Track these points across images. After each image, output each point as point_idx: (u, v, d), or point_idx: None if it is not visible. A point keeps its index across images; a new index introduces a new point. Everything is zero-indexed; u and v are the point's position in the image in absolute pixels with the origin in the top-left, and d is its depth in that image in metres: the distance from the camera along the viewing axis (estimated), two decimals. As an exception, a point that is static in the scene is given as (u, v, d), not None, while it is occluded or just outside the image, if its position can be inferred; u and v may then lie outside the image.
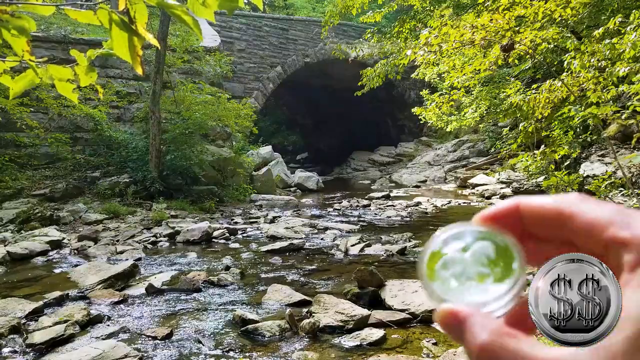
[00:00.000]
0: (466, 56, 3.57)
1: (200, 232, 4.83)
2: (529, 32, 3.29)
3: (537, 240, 0.26)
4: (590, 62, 3.15)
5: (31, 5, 0.81)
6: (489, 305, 0.23)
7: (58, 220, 5.31)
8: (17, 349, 2.24)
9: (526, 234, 0.26)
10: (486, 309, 0.23)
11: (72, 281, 3.43)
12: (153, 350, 2.27)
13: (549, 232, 0.25)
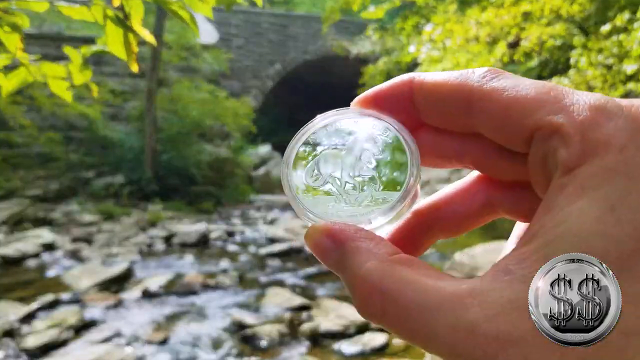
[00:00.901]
0: (471, 53, 3.50)
1: (197, 234, 4.76)
2: (535, 28, 3.22)
3: (435, 132, 0.20)
4: (597, 59, 3.09)
5: (24, 2, 0.76)
6: (374, 220, 0.19)
7: (51, 221, 5.22)
8: (10, 353, 2.22)
9: (421, 122, 0.20)
10: (371, 226, 0.19)
11: (66, 284, 3.37)
12: (149, 355, 2.24)
13: (450, 119, 0.19)
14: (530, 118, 0.16)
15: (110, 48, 0.73)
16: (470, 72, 0.19)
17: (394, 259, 0.17)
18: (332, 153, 0.20)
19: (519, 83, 0.17)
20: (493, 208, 0.21)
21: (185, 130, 7.00)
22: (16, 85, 0.83)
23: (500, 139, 0.18)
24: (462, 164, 0.21)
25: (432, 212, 0.22)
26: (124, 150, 6.73)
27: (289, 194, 0.19)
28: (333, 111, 0.21)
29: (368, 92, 0.21)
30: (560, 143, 0.16)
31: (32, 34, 6.63)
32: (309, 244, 0.19)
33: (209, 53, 8.36)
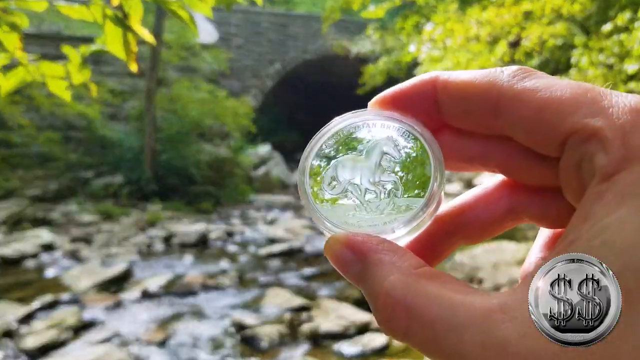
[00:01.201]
0: (471, 52, 3.49)
1: (197, 234, 4.75)
2: (536, 28, 3.21)
3: (458, 134, 0.19)
4: (598, 58, 3.08)
5: (24, 1, 0.76)
6: (397, 229, 0.18)
7: (50, 221, 5.21)
8: (10, 353, 2.22)
9: (443, 123, 0.19)
10: (394, 235, 0.18)
11: (65, 284, 3.37)
12: (148, 356, 2.23)
13: (477, 120, 0.18)
14: (565, 121, 0.15)
15: (109, 48, 0.73)
16: (499, 70, 0.18)
17: (419, 273, 0.16)
18: (350, 158, 0.19)
19: (553, 83, 0.16)
20: (517, 214, 0.20)
21: (185, 130, 6.98)
22: (15, 85, 0.82)
23: (531, 142, 0.17)
24: (486, 168, 0.20)
25: (453, 218, 0.21)
26: (123, 150, 6.72)
27: (306, 203, 0.18)
28: (350, 113, 0.20)
29: (387, 91, 0.20)
30: (598, 148, 0.14)
31: (31, 34, 6.61)
32: (329, 255, 0.18)
33: (209, 52, 8.35)
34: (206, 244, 4.71)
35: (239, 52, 10.32)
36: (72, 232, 4.93)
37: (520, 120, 0.16)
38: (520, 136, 0.17)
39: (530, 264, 0.20)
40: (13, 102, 5.89)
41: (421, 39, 3.68)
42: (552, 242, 0.20)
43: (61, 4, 0.72)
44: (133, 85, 7.67)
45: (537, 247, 0.21)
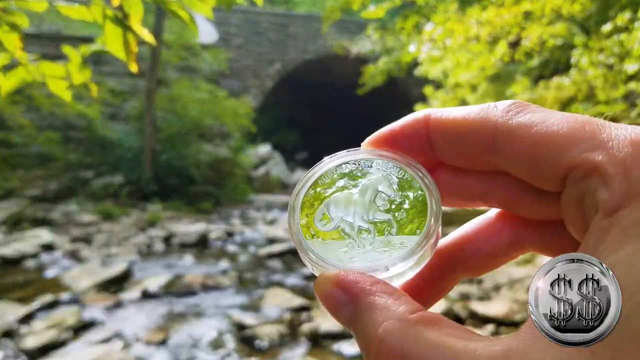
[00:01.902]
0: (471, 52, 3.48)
1: (197, 234, 4.75)
2: (536, 28, 3.21)
3: (455, 171, 0.19)
4: (598, 58, 3.08)
5: (24, 1, 0.76)
6: (392, 267, 0.17)
7: (50, 221, 5.20)
8: (10, 353, 2.22)
9: (438, 161, 0.19)
10: (388, 273, 0.17)
11: (65, 284, 3.37)
12: (148, 355, 2.23)
13: (472, 158, 0.18)
14: (564, 156, 0.15)
15: (109, 48, 0.73)
16: (492, 106, 0.17)
17: (416, 318, 0.15)
18: (343, 196, 0.18)
19: (549, 117, 0.16)
20: (521, 244, 0.20)
21: (185, 130, 6.98)
22: (15, 85, 0.82)
23: (529, 178, 0.17)
24: (487, 204, 0.20)
25: (454, 252, 0.20)
26: (123, 150, 6.71)
27: (295, 239, 0.18)
28: (343, 152, 0.20)
29: (380, 131, 0.20)
30: (599, 183, 0.14)
31: (30, 34, 6.60)
32: (318, 294, 0.17)
33: (209, 53, 8.34)
34: (206, 244, 4.71)
35: (239, 52, 10.31)
36: (72, 232, 4.93)
37: (517, 156, 0.16)
38: (519, 173, 0.17)
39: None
40: (13, 102, 5.88)
41: (421, 39, 3.67)
42: None
43: (61, 4, 0.71)
44: (133, 86, 7.67)
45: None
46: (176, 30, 7.64)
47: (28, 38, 0.91)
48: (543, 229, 0.19)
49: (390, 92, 12.94)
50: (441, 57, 3.63)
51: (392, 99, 14.15)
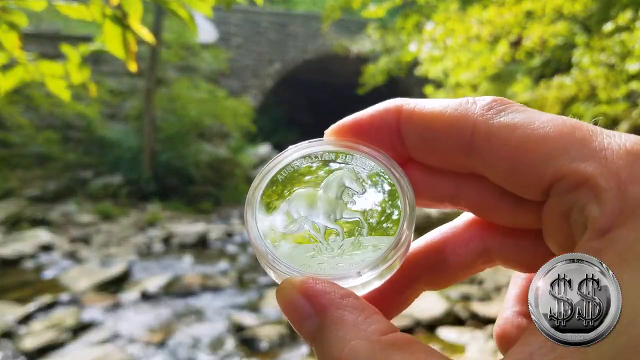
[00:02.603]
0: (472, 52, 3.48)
1: (196, 234, 4.73)
2: (537, 27, 3.20)
3: (425, 169, 0.17)
4: (599, 58, 3.07)
5: (23, 0, 0.75)
6: (364, 273, 0.15)
7: (49, 222, 5.19)
8: (9, 354, 2.22)
9: (407, 156, 0.17)
10: (360, 280, 0.15)
11: (63, 285, 3.36)
12: (147, 356, 2.23)
13: (446, 157, 0.16)
14: (550, 164, 0.14)
15: (108, 47, 0.72)
16: (470, 102, 0.16)
17: (387, 340, 0.13)
18: (306, 193, 0.17)
19: (534, 118, 0.15)
20: (489, 257, 0.19)
21: (184, 130, 6.97)
22: (14, 84, 0.81)
23: (509, 184, 0.15)
24: (456, 206, 0.18)
25: (419, 262, 0.19)
26: (122, 150, 6.70)
27: (255, 242, 0.16)
28: (306, 142, 0.18)
29: (346, 119, 0.18)
30: (590, 198, 0.13)
31: (29, 33, 6.58)
32: (281, 302, 0.15)
33: (208, 52, 8.33)
34: (206, 245, 4.70)
35: (238, 51, 10.30)
36: (71, 232, 4.92)
37: (497, 161, 0.15)
38: (497, 177, 0.15)
39: (507, 321, 0.18)
40: (12, 102, 5.87)
41: (422, 39, 3.66)
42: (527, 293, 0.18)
43: (60, 3, 0.71)
44: (132, 85, 7.65)
45: (511, 298, 0.19)
46: (176, 30, 7.63)
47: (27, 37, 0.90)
48: (516, 240, 0.18)
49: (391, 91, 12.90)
50: (442, 56, 3.62)
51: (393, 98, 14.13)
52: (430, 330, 2.51)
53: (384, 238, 0.16)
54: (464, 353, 2.21)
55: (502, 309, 0.19)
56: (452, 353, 2.20)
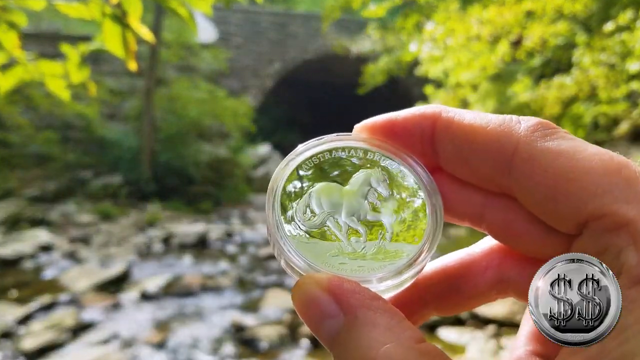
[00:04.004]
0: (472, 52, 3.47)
1: (196, 234, 4.73)
2: (537, 26, 3.19)
3: (453, 181, 0.17)
4: (600, 58, 3.06)
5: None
6: (384, 280, 0.15)
7: (48, 222, 5.18)
8: (8, 354, 2.22)
9: (436, 164, 0.17)
10: (377, 287, 0.15)
11: (63, 285, 3.35)
12: (147, 357, 2.22)
13: (480, 174, 0.16)
14: (591, 200, 0.13)
15: (108, 46, 0.72)
16: (515, 120, 0.15)
17: (421, 349, 0.13)
18: (331, 187, 0.16)
19: (580, 149, 0.14)
20: (505, 288, 0.18)
21: (184, 130, 6.96)
22: (13, 84, 0.81)
23: (543, 212, 0.15)
24: (477, 226, 0.17)
25: (432, 286, 0.18)
26: (122, 150, 6.69)
27: (273, 233, 0.15)
28: (332, 135, 0.17)
29: (379, 118, 0.17)
30: (628, 242, 0.13)
31: (29, 33, 6.57)
32: (300, 298, 0.14)
33: (208, 52, 8.32)
34: (205, 245, 4.70)
35: (238, 51, 10.29)
36: (71, 232, 4.91)
37: (535, 186, 0.14)
38: (531, 203, 0.15)
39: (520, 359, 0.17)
40: (11, 102, 5.86)
41: (422, 38, 3.66)
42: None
43: (59, 2, 0.70)
44: (132, 85, 7.65)
45: (524, 336, 0.18)
46: (175, 29, 7.62)
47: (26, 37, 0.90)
48: (533, 273, 0.17)
49: (391, 91, 12.93)
50: (442, 56, 3.62)
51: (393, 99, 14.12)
52: (430, 330, 2.51)
53: (407, 246, 0.15)
54: (464, 353, 2.20)
55: (513, 346, 0.18)
56: (452, 353, 2.19)
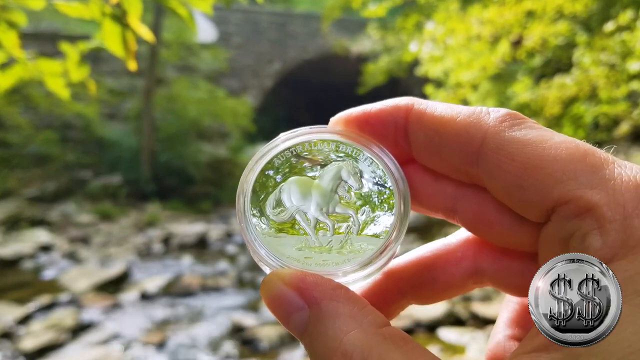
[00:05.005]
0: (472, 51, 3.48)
1: (196, 234, 4.73)
2: (537, 26, 3.19)
3: (425, 173, 0.17)
4: (600, 58, 3.06)
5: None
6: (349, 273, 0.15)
7: (48, 222, 5.18)
8: (8, 354, 2.23)
9: (409, 156, 0.17)
10: (344, 279, 0.15)
11: (63, 286, 3.35)
12: (147, 357, 2.22)
13: (451, 164, 0.16)
14: (557, 186, 0.13)
15: (107, 46, 0.72)
16: (484, 112, 0.15)
17: (384, 333, 0.13)
18: (301, 181, 0.16)
19: (547, 138, 0.14)
20: (480, 277, 0.18)
21: (184, 130, 6.96)
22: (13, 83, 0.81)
23: (511, 201, 0.15)
24: (450, 218, 0.18)
25: (408, 277, 0.18)
26: (121, 150, 6.69)
27: (243, 228, 0.15)
28: (305, 128, 0.17)
29: (353, 110, 0.17)
30: (593, 227, 0.13)
31: (28, 33, 6.56)
32: (266, 295, 0.15)
33: (208, 52, 8.32)
34: (205, 245, 4.69)
35: (238, 51, 10.29)
36: (70, 232, 4.90)
37: (503, 174, 0.14)
38: (500, 192, 0.15)
39: (499, 346, 0.18)
40: (11, 102, 5.85)
41: (422, 38, 3.66)
42: (520, 317, 0.18)
43: (59, 1, 0.70)
44: (131, 85, 7.64)
45: (503, 322, 0.19)
46: (175, 29, 7.61)
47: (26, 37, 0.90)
48: (507, 263, 0.18)
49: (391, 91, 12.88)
50: (442, 56, 3.62)
51: (392, 99, 14.14)
52: (430, 331, 2.51)
53: (373, 239, 0.15)
54: (464, 353, 2.20)
55: (493, 332, 0.18)
56: (452, 353, 2.19)
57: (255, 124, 8.49)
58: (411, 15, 4.23)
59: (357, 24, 10.64)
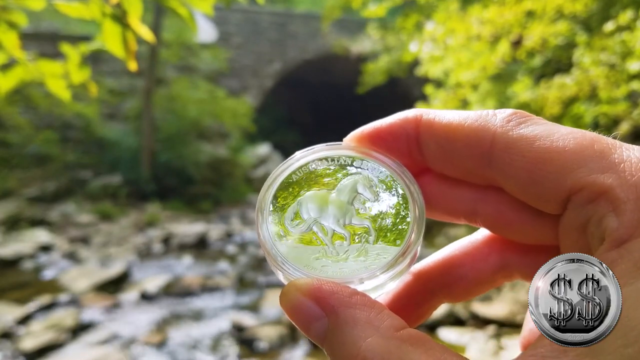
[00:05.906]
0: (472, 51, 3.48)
1: (196, 234, 4.73)
2: (537, 26, 3.19)
3: (442, 181, 0.18)
4: (600, 57, 3.06)
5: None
6: (367, 280, 0.16)
7: (48, 222, 5.18)
8: (8, 354, 2.23)
9: (425, 166, 0.17)
10: (362, 287, 0.16)
11: (63, 286, 3.35)
12: (147, 357, 2.22)
13: (465, 168, 0.16)
14: (569, 176, 0.13)
15: (108, 46, 0.72)
16: (491, 114, 0.16)
17: (402, 336, 0.14)
18: (318, 195, 0.17)
19: (553, 131, 0.15)
20: (509, 271, 0.19)
21: (184, 130, 6.96)
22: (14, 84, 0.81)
23: (527, 196, 0.15)
24: (471, 222, 0.18)
25: (437, 277, 0.19)
26: (121, 150, 6.69)
27: (263, 240, 0.16)
28: (322, 145, 0.18)
29: (366, 127, 0.18)
30: (608, 209, 0.13)
31: (29, 33, 6.57)
32: (285, 306, 0.15)
33: (208, 52, 8.32)
34: (205, 245, 4.69)
35: (238, 51, 10.28)
36: (70, 232, 4.91)
37: (515, 172, 0.15)
38: (515, 189, 0.15)
39: (532, 332, 0.18)
40: (11, 102, 5.86)
41: (422, 38, 3.66)
42: None
43: (59, 2, 0.70)
44: (131, 85, 7.64)
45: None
46: (175, 29, 7.61)
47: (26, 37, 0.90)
48: (533, 257, 0.18)
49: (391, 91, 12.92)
50: (442, 56, 3.62)
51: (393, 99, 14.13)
52: (430, 331, 2.50)
53: (390, 247, 0.16)
54: (464, 353, 2.20)
55: (526, 320, 0.19)
56: (452, 354, 2.19)
57: (255, 124, 8.49)
58: (411, 15, 4.24)
59: (357, 24, 10.64)
